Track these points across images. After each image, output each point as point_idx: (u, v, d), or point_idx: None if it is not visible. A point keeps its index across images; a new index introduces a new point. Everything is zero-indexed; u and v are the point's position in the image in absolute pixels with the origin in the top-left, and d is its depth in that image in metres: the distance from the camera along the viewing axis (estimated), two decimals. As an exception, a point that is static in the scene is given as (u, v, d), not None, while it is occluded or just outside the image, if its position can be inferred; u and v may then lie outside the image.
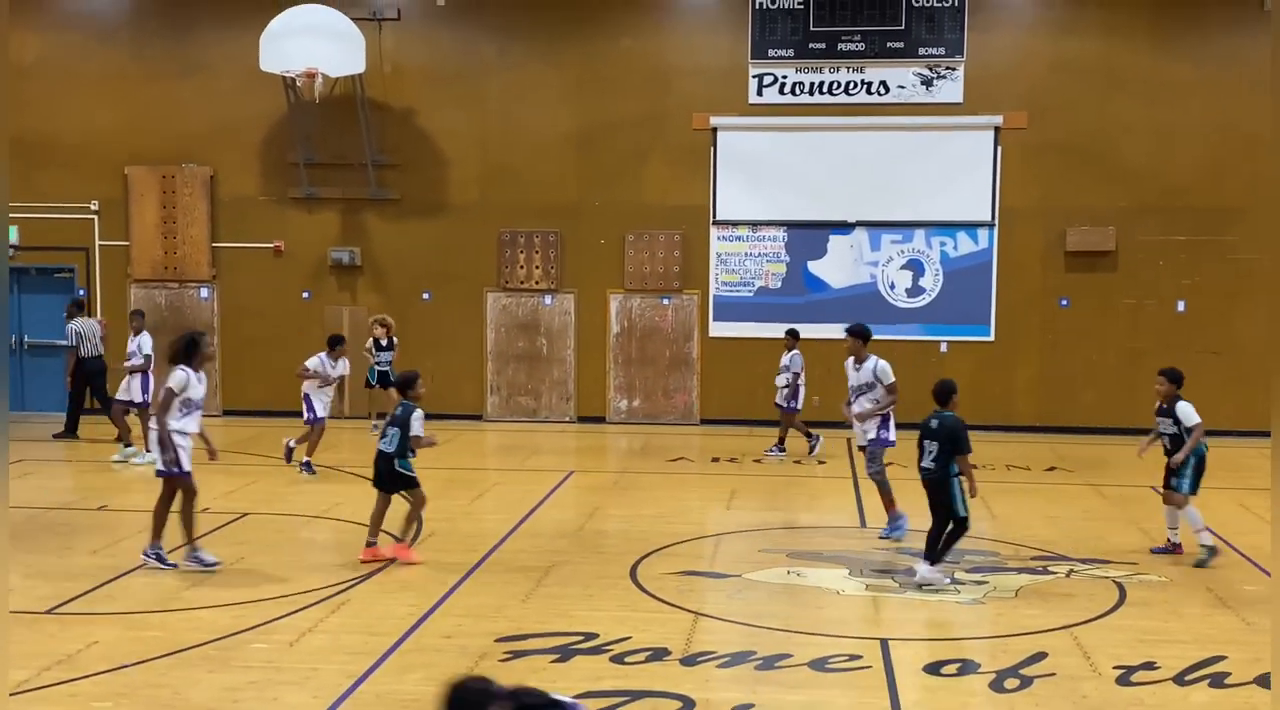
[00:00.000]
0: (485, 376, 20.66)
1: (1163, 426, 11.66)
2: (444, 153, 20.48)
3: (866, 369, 12.60)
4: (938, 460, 10.61)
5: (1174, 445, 11.53)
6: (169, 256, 20.83)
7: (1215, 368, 19.21)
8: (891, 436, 12.60)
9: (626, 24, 20.15)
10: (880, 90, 19.82)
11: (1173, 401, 11.57)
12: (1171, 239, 19.54)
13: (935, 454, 10.62)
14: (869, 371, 12.57)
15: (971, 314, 19.88)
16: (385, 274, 20.68)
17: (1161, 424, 11.68)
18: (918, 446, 10.85)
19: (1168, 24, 19.36)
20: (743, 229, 20.16)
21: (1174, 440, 11.54)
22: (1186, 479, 11.44)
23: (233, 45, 20.12)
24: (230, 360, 20.94)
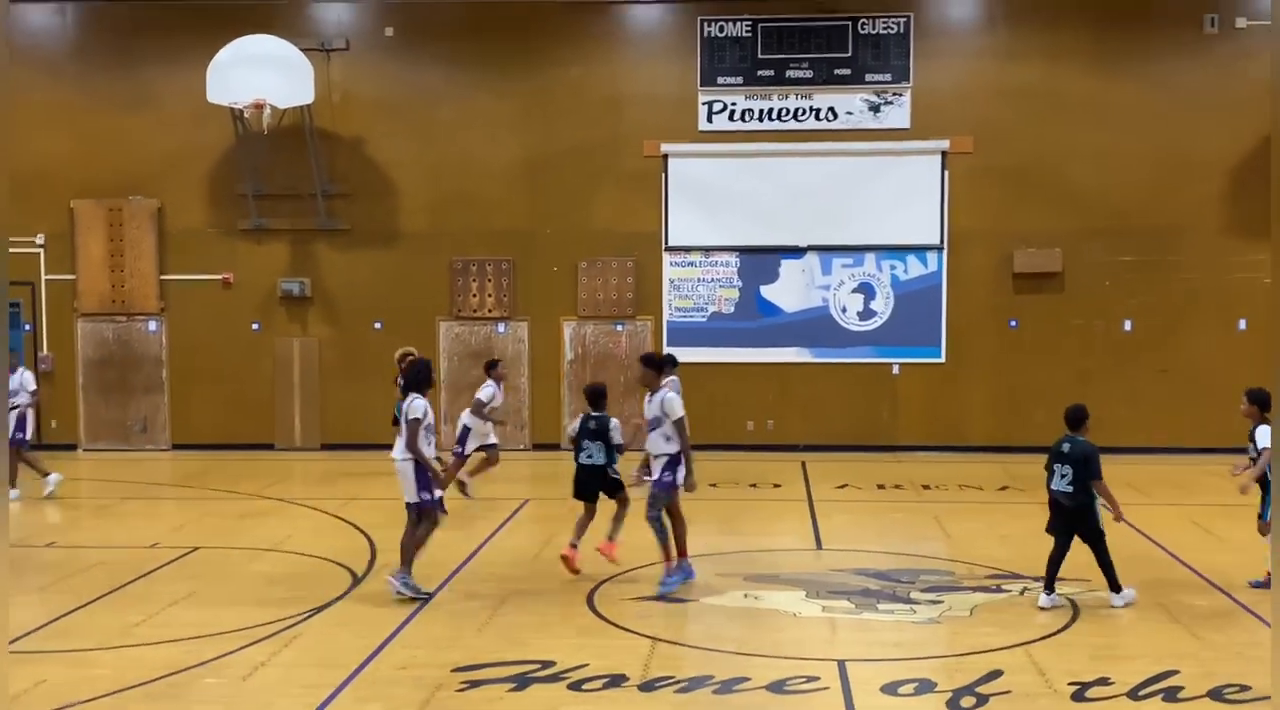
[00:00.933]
0: (439, 406, 20.54)
1: (1251, 452, 11.01)
2: (394, 182, 20.44)
3: (655, 401, 11.25)
4: (1074, 484, 10.44)
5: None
6: (116, 290, 20.61)
7: (1162, 385, 19.48)
8: (677, 480, 11.21)
9: (576, 53, 20.22)
10: (829, 116, 19.99)
11: (1257, 424, 10.90)
12: (1117, 260, 19.79)
13: (1071, 478, 10.45)
14: (657, 404, 11.21)
15: (923, 336, 20.02)
16: (336, 304, 20.57)
17: (1251, 449, 11.04)
18: (1046, 468, 10.75)
19: (1110, 49, 19.67)
20: (695, 254, 20.24)
21: None
22: (1267, 508, 10.74)
23: (180, 77, 20.00)
24: (179, 393, 20.72)
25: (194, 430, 20.68)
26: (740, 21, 19.95)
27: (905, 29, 19.80)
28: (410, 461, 10.86)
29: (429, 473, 10.89)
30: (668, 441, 11.21)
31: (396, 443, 11.03)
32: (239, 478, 17.85)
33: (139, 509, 15.75)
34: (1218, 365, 19.49)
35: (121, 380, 20.77)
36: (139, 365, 20.74)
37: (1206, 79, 19.49)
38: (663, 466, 11.28)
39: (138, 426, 20.79)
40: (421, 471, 10.87)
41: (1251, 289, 19.58)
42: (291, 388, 20.59)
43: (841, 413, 20.05)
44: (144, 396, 20.78)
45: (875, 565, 12.12)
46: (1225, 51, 19.45)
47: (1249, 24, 19.43)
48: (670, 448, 11.22)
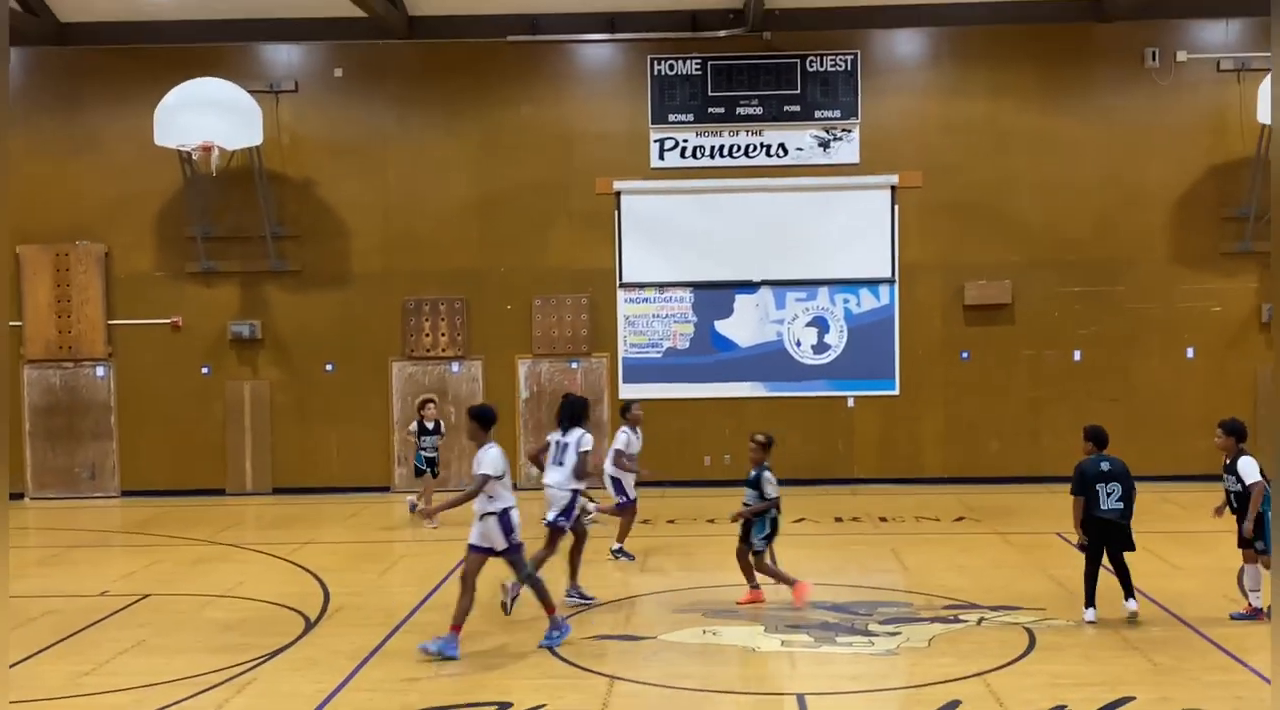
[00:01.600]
0: (391, 447, 20.39)
1: (1227, 483, 10.95)
2: (345, 223, 20.35)
3: (478, 457, 10.47)
4: (1123, 500, 10.75)
5: (1240, 503, 10.83)
6: (63, 335, 20.35)
7: (1113, 414, 19.49)
8: (519, 538, 10.54)
9: (527, 92, 20.26)
10: (779, 152, 20.13)
11: (1236, 456, 10.84)
12: (1066, 290, 20.00)
13: (1120, 494, 10.75)
14: (477, 460, 10.46)
15: (876, 369, 20.12)
16: (287, 347, 20.40)
17: (1227, 480, 10.96)
18: (1078, 492, 10.90)
19: (1053, 84, 19.95)
20: (649, 291, 20.26)
21: (1239, 498, 10.84)
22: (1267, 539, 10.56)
23: (127, 121, 19.87)
24: (128, 439, 20.44)
25: (144, 476, 20.38)
26: (690, 60, 20.09)
27: (853, 66, 20.01)
28: (569, 491, 11.76)
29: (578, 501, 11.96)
30: (489, 499, 10.38)
31: (550, 471, 11.93)
32: (190, 523, 17.60)
33: (88, 557, 15.49)
34: (1168, 393, 19.71)
35: (69, 427, 20.47)
36: (87, 411, 20.45)
37: (1149, 112, 19.81)
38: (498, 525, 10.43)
39: (86, 473, 20.48)
40: (574, 500, 11.85)
41: (1199, 317, 19.84)
42: (242, 431, 20.36)
43: (797, 446, 20.04)
44: (92, 443, 20.48)
45: (833, 598, 12.09)
46: (1167, 85, 19.77)
47: (1189, 58, 19.78)
48: (492, 505, 10.39)
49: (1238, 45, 19.72)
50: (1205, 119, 19.77)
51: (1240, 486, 10.83)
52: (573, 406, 12.19)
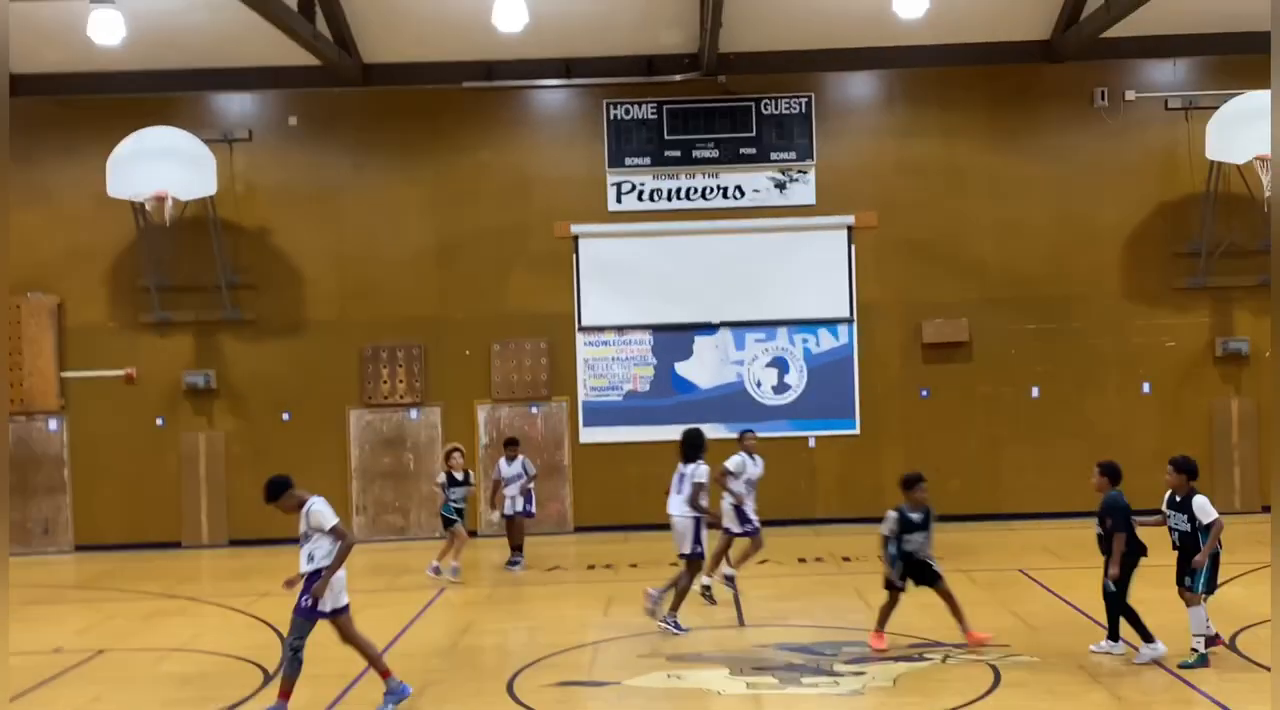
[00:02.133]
0: (350, 496, 20.18)
1: (1174, 521, 10.83)
2: (301, 271, 20.23)
3: (303, 514, 10.14)
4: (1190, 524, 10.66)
5: (1184, 542, 10.70)
6: (15, 389, 20.03)
7: (1072, 450, 19.68)
8: (326, 608, 9.86)
9: (484, 137, 20.28)
10: (736, 194, 20.22)
11: (1188, 495, 10.74)
12: (1022, 327, 20.14)
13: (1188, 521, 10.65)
14: (304, 517, 10.13)
15: (837, 408, 20.14)
16: (243, 396, 20.20)
17: (1173, 518, 10.84)
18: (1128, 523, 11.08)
19: (1003, 124, 20.19)
20: (609, 334, 20.23)
21: (1185, 538, 10.70)
22: (1202, 577, 10.57)
23: (79, 172, 19.72)
24: (82, 493, 20.12)
25: (98, 530, 20.06)
26: (646, 104, 20.19)
27: (807, 109, 20.17)
28: (690, 518, 12.51)
29: (703, 527, 12.59)
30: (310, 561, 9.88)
31: (672, 500, 12.75)
32: (145, 577, 17.32)
33: (41, 613, 15.16)
34: (1125, 428, 19.82)
35: (21, 481, 20.11)
36: (39, 465, 20.13)
37: (1099, 151, 20.07)
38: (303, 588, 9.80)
39: (39, 528, 20.12)
40: (698, 527, 12.49)
41: (1154, 353, 20.02)
42: (198, 482, 20.10)
43: (760, 488, 19.91)
44: (45, 497, 20.14)
45: (798, 639, 12.02)
46: (1116, 123, 20.05)
47: (1138, 97, 20.08)
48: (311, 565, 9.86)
49: (1185, 84, 20.04)
50: (1155, 157, 20.05)
51: (1189, 526, 10.67)
52: (692, 439, 12.93)
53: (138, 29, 18.02)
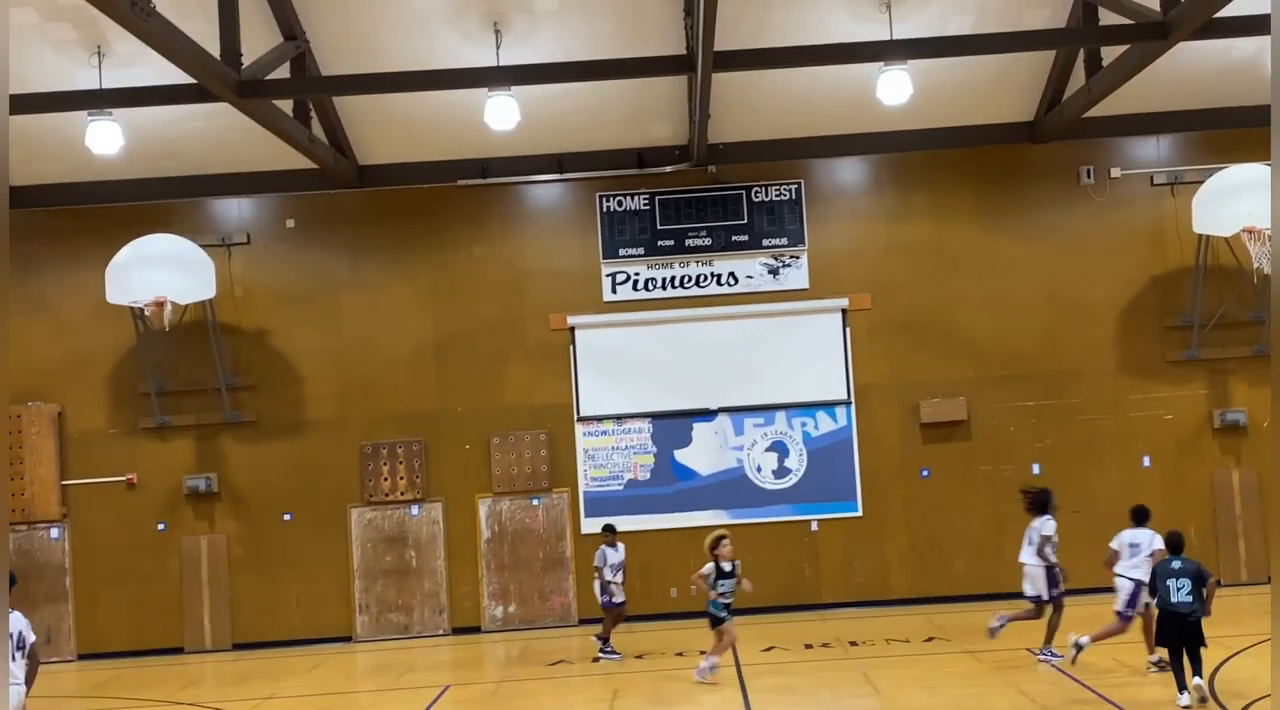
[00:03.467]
0: (353, 595, 20.07)
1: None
2: (300, 371, 20.34)
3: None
4: (1193, 594, 11.76)
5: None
6: (16, 498, 20.00)
7: (1076, 526, 19.59)
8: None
9: (478, 233, 20.50)
10: (730, 281, 20.39)
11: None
12: (1020, 405, 20.18)
13: (1189, 589, 11.78)
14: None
15: (838, 491, 20.12)
16: (244, 498, 20.19)
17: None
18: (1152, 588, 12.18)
19: (993, 204, 20.42)
20: (608, 423, 20.27)
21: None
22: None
23: (78, 280, 19.92)
24: (84, 601, 20.02)
25: (101, 638, 19.93)
26: (638, 195, 20.45)
27: (797, 195, 20.42)
28: (1042, 567, 14.62)
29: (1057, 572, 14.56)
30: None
31: (1025, 551, 14.87)
32: (148, 684, 17.18)
33: (41, 725, 15.03)
34: (1127, 502, 19.64)
35: (23, 591, 19.94)
36: (41, 575, 20.03)
37: (1087, 227, 20.27)
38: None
39: (41, 638, 19.93)
40: (1051, 573, 14.57)
41: (1152, 426, 20.04)
42: (200, 587, 20.01)
43: (763, 573, 19.81)
44: (47, 606, 20.01)
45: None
46: (1103, 201, 20.28)
47: (1123, 174, 20.34)
48: None
49: (1169, 160, 20.31)
50: (1143, 232, 20.25)
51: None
52: (1041, 498, 15.03)
53: (135, 138, 18.33)
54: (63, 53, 17.38)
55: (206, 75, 14.95)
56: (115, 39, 16.71)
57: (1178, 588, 11.72)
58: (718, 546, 14.85)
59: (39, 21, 16.98)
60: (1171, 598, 11.73)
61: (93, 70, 17.28)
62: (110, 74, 17.32)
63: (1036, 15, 18.07)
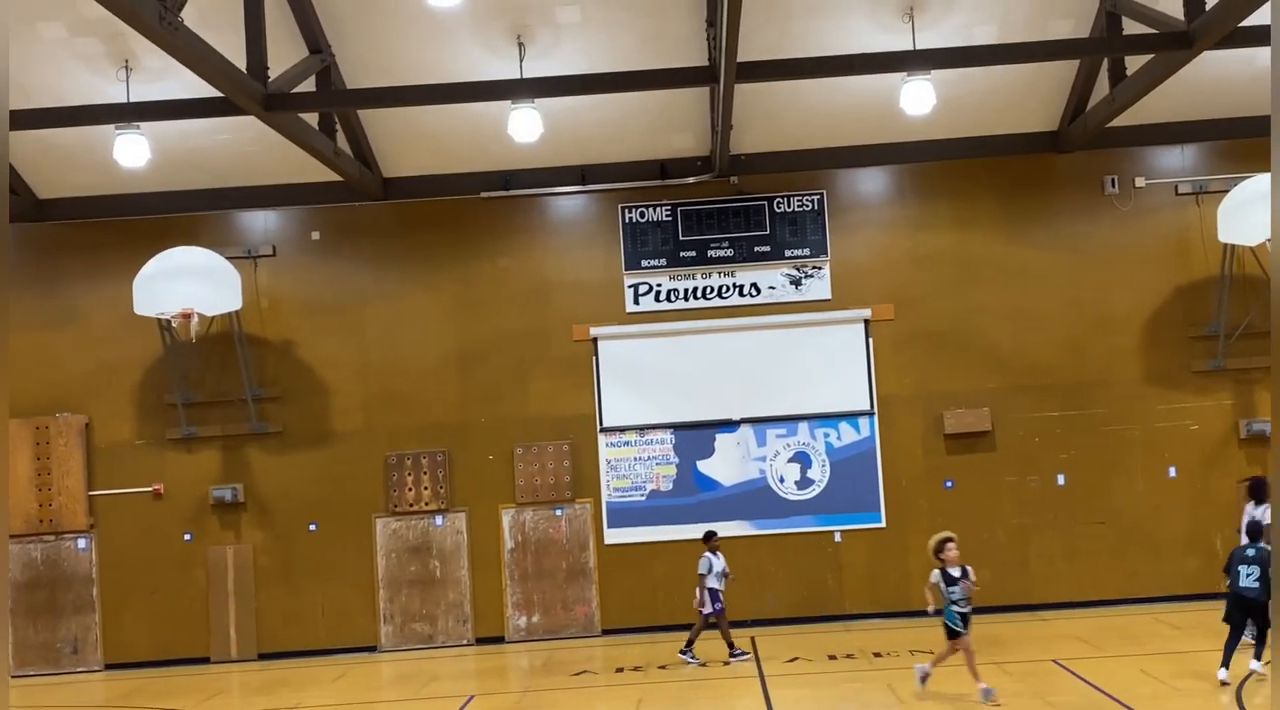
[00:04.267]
0: (378, 606, 20.15)
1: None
2: (325, 382, 20.45)
3: None
4: (1260, 580, 12.73)
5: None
6: (44, 509, 20.19)
7: (1100, 537, 19.60)
8: None
9: (502, 245, 20.59)
10: (752, 292, 20.41)
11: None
12: (1044, 415, 20.11)
13: (1257, 576, 12.77)
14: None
15: (861, 502, 20.08)
16: (270, 509, 20.29)
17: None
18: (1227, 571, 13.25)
19: (1016, 214, 20.37)
20: (630, 434, 20.30)
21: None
22: None
23: (105, 292, 20.09)
24: (111, 611, 20.14)
25: (127, 648, 20.05)
26: (660, 206, 20.49)
27: (820, 205, 20.43)
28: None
29: None
30: None
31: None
32: (174, 694, 17.28)
33: (69, 734, 15.14)
34: (1152, 514, 19.70)
35: (50, 601, 20.18)
36: (68, 585, 20.19)
37: (1111, 237, 20.21)
38: None
39: (68, 648, 20.13)
40: None
41: (1178, 436, 19.94)
42: (226, 597, 20.11)
43: (786, 584, 19.93)
44: (74, 617, 20.18)
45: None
46: (1127, 211, 20.22)
47: (1147, 183, 20.27)
48: None
49: (1194, 169, 20.24)
50: (1167, 242, 20.19)
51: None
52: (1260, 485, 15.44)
53: (162, 151, 18.50)
54: (91, 67, 17.57)
55: (233, 88, 15.09)
56: (143, 53, 16.89)
57: (1248, 573, 12.80)
58: (943, 550, 13.58)
59: (67, 36, 17.18)
60: (1241, 582, 12.85)
61: (120, 84, 17.47)
62: (138, 88, 17.51)
63: (1060, 25, 18.06)
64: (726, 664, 16.50)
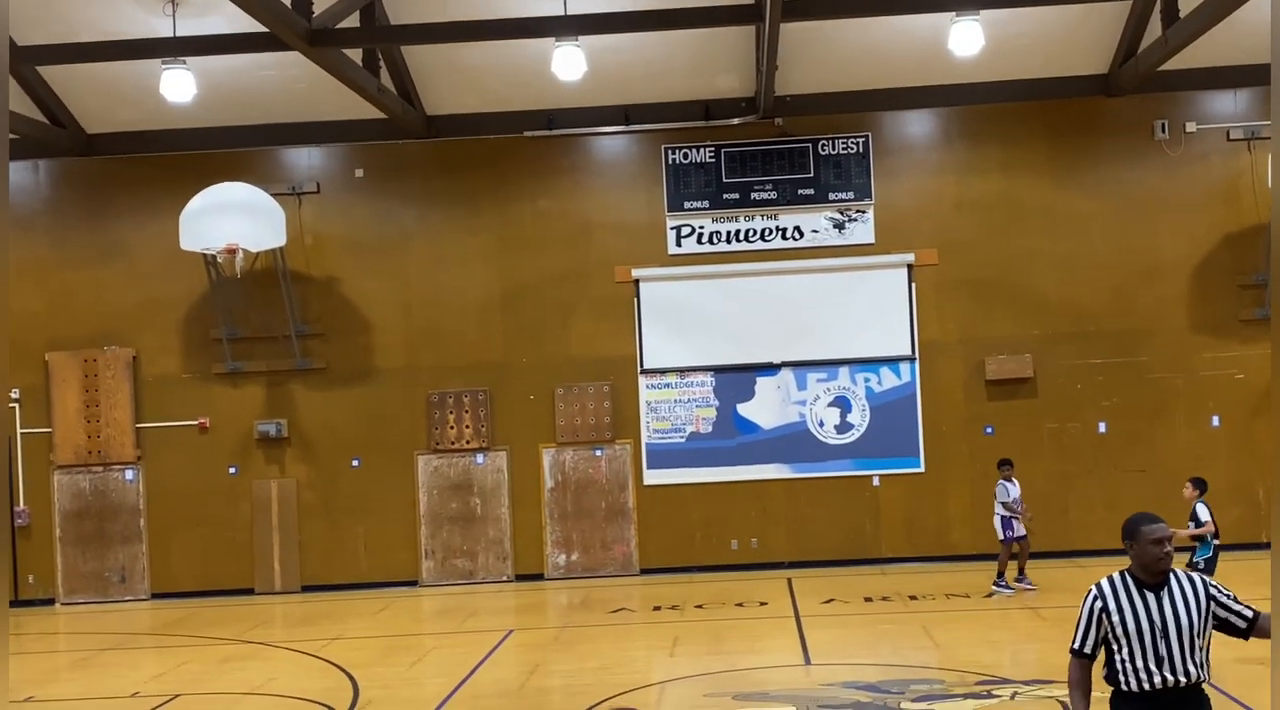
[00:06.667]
0: (419, 541, 20.40)
1: None
2: (368, 319, 20.59)
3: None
4: None
5: None
6: (92, 440, 20.54)
7: (1141, 486, 19.48)
8: None
9: (544, 185, 20.56)
10: (795, 235, 20.32)
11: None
12: (1087, 363, 19.98)
13: None
14: None
15: (900, 447, 20.07)
16: (313, 444, 20.53)
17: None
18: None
19: (1063, 159, 20.12)
20: (671, 376, 20.35)
21: None
22: None
23: (152, 227, 20.25)
24: (158, 542, 20.51)
25: (173, 578, 20.43)
26: (704, 148, 20.39)
27: (865, 148, 20.26)
28: None
29: None
30: None
31: None
32: (219, 623, 17.62)
33: (119, 659, 15.50)
34: (1195, 463, 19.51)
35: (99, 531, 20.58)
36: (116, 515, 20.56)
37: (1160, 183, 19.94)
38: None
39: (116, 577, 20.54)
40: None
41: (1222, 385, 19.77)
42: (270, 530, 20.43)
43: (824, 527, 19.99)
44: (122, 547, 20.56)
45: (865, 678, 11.98)
46: (1177, 156, 19.92)
47: (1199, 128, 19.94)
48: None
49: (1246, 115, 19.88)
50: (1217, 188, 19.90)
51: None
52: None
53: (208, 87, 18.56)
54: (138, 1, 17.60)
55: (278, 23, 15.10)
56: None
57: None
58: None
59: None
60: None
61: (167, 19, 17.49)
62: (184, 23, 17.53)
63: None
64: (989, 596, 16.47)
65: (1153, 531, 6.15)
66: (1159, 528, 6.18)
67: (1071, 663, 6.30)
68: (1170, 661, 6.00)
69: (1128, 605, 6.14)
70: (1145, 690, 6.08)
